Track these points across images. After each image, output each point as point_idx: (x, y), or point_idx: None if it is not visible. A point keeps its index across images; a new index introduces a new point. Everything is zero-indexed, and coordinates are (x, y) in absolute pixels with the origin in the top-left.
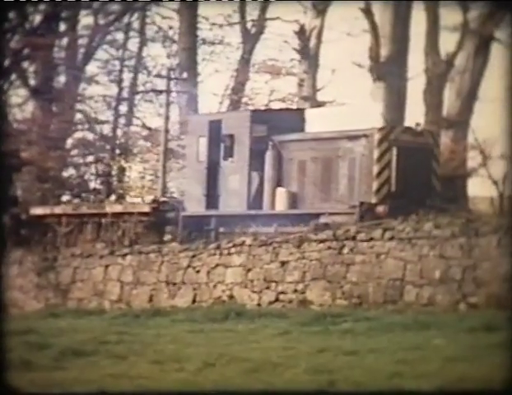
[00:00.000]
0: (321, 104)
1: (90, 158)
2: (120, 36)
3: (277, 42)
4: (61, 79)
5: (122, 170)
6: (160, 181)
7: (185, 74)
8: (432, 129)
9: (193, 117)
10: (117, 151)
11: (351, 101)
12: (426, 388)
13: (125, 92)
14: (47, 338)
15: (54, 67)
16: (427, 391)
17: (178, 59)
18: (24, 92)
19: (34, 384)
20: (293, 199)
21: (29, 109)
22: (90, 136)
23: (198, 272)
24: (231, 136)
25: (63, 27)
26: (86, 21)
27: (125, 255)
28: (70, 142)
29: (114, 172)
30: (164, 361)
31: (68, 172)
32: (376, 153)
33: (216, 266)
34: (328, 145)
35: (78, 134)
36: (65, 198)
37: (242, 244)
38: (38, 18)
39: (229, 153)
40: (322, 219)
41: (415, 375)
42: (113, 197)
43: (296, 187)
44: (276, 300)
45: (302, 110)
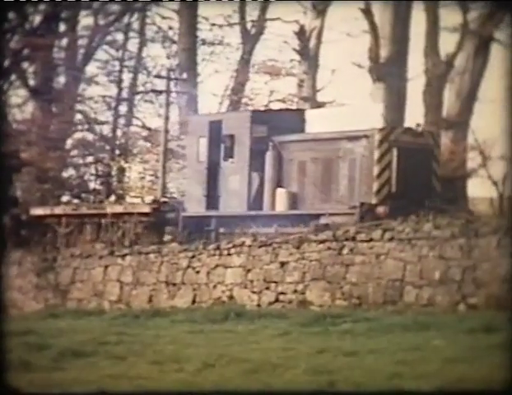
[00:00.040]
0: (321, 104)
1: (89, 158)
2: (120, 37)
3: (277, 42)
4: (61, 79)
5: (121, 171)
6: (159, 181)
7: (185, 74)
8: (432, 130)
9: (194, 117)
10: (117, 152)
11: (351, 102)
12: (426, 389)
13: (125, 93)
14: (46, 339)
15: (54, 68)
16: (427, 391)
17: (178, 60)
18: (24, 93)
19: (33, 385)
20: (293, 200)
21: (28, 110)
22: (89, 136)
23: (198, 273)
24: (231, 136)
25: (63, 28)
26: (86, 22)
27: (125, 255)
28: (70, 143)
29: (114, 172)
30: (163, 362)
31: (68, 172)
32: (376, 154)
33: (216, 266)
34: (329, 145)
35: (78, 135)
36: (65, 199)
37: (242, 245)
38: (38, 18)
39: (229, 153)
40: (322, 220)
41: (414, 376)
42: (112, 198)
43: (296, 187)
44: (275, 301)
45: (302, 111)
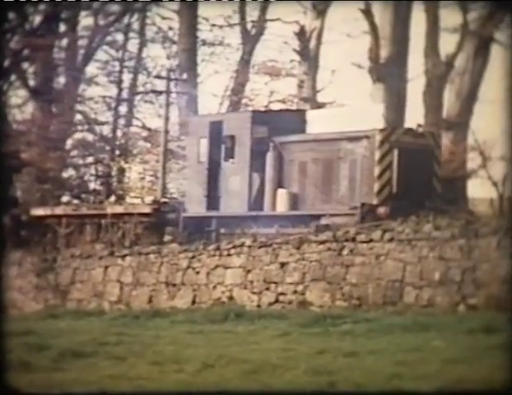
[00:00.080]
0: (321, 105)
1: (89, 159)
2: (120, 37)
3: (277, 43)
4: (61, 80)
5: (121, 171)
6: (159, 182)
7: (185, 75)
8: (433, 130)
9: (194, 118)
10: (117, 152)
11: (351, 102)
12: (426, 390)
13: (125, 93)
14: (46, 339)
15: (54, 68)
16: (426, 392)
17: (178, 60)
18: (24, 93)
19: (33, 385)
20: (294, 200)
21: (28, 110)
22: (89, 137)
23: (198, 273)
24: (232, 137)
25: (63, 28)
26: (86, 22)
27: (125, 256)
28: (70, 143)
29: (114, 173)
30: (163, 362)
31: (68, 173)
32: (377, 154)
33: (216, 267)
34: (329, 146)
35: (78, 135)
36: (65, 199)
37: (242, 245)
38: (38, 19)
39: (230, 154)
40: (323, 220)
41: (414, 377)
42: (112, 198)
43: (297, 188)
44: (275, 301)
45: (303, 111)
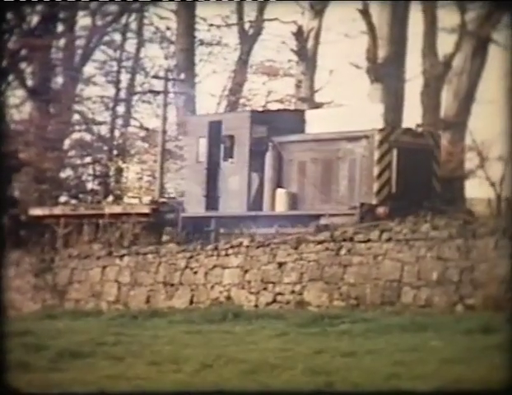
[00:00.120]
0: (319, 105)
1: (87, 159)
2: (118, 37)
3: (275, 43)
4: (58, 80)
5: (119, 171)
6: (157, 182)
7: (183, 75)
8: (432, 130)
9: (193, 118)
10: (114, 152)
11: (349, 102)
12: (423, 390)
13: (123, 93)
14: (44, 340)
15: (52, 68)
16: (424, 392)
17: (175, 60)
18: (21, 93)
19: (32, 385)
20: (293, 200)
21: (26, 110)
22: (87, 137)
23: (196, 273)
24: (231, 137)
25: (61, 28)
26: (84, 22)
27: (122, 256)
28: (67, 143)
29: (112, 173)
30: (161, 362)
31: (66, 173)
32: (377, 154)
33: (214, 267)
34: (329, 146)
35: (76, 135)
36: (62, 199)
37: (239, 245)
38: (35, 19)
39: (229, 154)
40: (322, 220)
41: (412, 377)
42: (110, 198)
43: (296, 188)
44: (273, 301)
45: (302, 111)
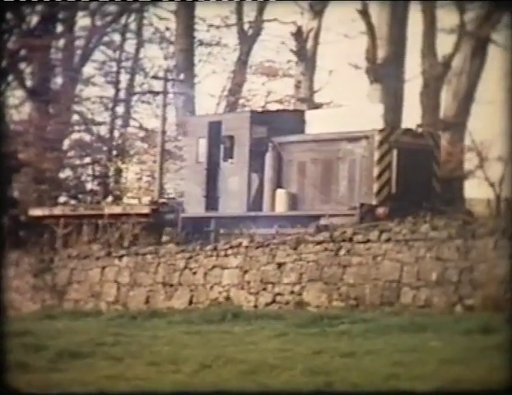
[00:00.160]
0: (318, 105)
1: (86, 159)
2: (117, 37)
3: (274, 43)
4: (58, 80)
5: (119, 172)
6: (156, 182)
7: (182, 75)
8: (432, 131)
9: (193, 118)
10: (114, 153)
11: (349, 103)
12: (422, 390)
13: (122, 93)
14: (43, 340)
15: (51, 69)
16: (423, 392)
17: (175, 60)
18: (21, 93)
19: (31, 386)
20: (293, 201)
21: (26, 111)
22: (86, 137)
23: (195, 274)
24: (231, 137)
25: (60, 28)
26: (83, 23)
27: (122, 256)
28: (67, 144)
29: (111, 173)
30: (160, 363)
31: (65, 173)
32: (377, 155)
33: (213, 267)
34: (329, 146)
35: (75, 135)
36: (62, 200)
37: (239, 246)
38: (35, 19)
39: (228, 154)
40: (322, 220)
41: (411, 377)
42: (110, 199)
43: (296, 188)
44: (272, 302)
45: (302, 112)
